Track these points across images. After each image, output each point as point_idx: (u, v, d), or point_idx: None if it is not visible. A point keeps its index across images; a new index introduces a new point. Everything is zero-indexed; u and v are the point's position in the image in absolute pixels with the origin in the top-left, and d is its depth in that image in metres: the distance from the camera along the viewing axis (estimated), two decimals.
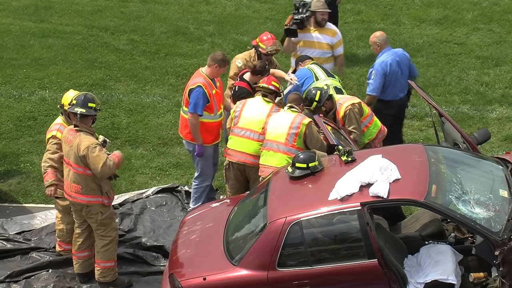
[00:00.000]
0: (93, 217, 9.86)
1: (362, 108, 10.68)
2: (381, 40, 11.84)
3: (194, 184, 11.27)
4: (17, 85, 14.73)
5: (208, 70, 11.04)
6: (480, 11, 17.28)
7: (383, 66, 11.64)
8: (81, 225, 10.08)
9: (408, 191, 8.66)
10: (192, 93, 10.82)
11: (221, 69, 11.02)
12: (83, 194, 9.76)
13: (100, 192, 9.78)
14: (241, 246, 8.87)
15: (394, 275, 8.49)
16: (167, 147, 12.97)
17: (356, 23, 16.82)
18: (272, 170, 9.96)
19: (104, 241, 9.92)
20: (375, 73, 11.64)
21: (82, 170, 9.69)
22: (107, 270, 10.02)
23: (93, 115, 9.79)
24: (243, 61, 11.76)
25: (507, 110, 13.67)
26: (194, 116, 10.81)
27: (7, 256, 10.71)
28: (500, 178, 9.22)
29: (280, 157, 10.14)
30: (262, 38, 11.75)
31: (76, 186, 9.75)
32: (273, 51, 11.68)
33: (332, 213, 8.63)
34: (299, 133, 10.13)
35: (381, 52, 11.77)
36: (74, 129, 9.75)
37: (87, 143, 9.58)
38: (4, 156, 12.69)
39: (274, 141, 10.21)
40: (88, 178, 9.72)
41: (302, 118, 10.21)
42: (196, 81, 10.92)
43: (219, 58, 11.01)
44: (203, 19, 17.27)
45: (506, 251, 8.37)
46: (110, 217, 9.95)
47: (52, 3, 18.07)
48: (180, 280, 8.86)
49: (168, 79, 14.99)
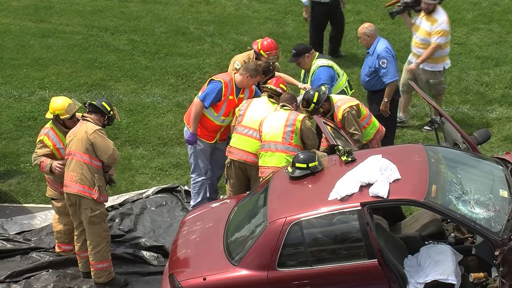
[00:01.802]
0: (84, 214, 9.88)
1: (360, 109, 10.68)
2: (371, 30, 12.03)
3: (191, 179, 11.30)
4: (17, 85, 14.73)
5: (239, 78, 10.91)
6: (480, 11, 17.28)
7: (388, 51, 11.91)
8: (78, 226, 10.11)
9: (408, 191, 8.66)
10: (210, 84, 10.83)
11: (252, 79, 10.87)
12: (76, 183, 9.79)
13: (93, 184, 9.80)
14: (241, 246, 8.87)
15: (394, 275, 8.49)
16: (167, 147, 12.97)
17: (356, 23, 16.78)
18: (272, 171, 9.97)
19: (93, 242, 9.95)
20: (386, 60, 11.83)
21: (80, 156, 9.75)
22: (101, 271, 10.04)
23: (102, 113, 9.92)
24: (241, 63, 11.72)
25: (507, 110, 13.67)
26: (200, 104, 10.81)
27: (7, 256, 10.71)
28: (500, 178, 9.22)
29: (278, 156, 10.14)
30: (264, 45, 11.62)
31: (72, 173, 9.82)
32: (274, 60, 11.70)
33: (332, 213, 8.63)
34: (295, 130, 10.13)
35: (375, 41, 11.98)
36: (81, 119, 9.92)
37: (95, 127, 9.76)
38: (4, 156, 12.69)
39: (272, 141, 10.21)
40: (85, 167, 9.75)
41: (296, 114, 10.23)
42: (221, 76, 10.93)
43: (251, 68, 10.88)
44: (203, 19, 17.27)
45: (506, 251, 8.37)
46: (100, 217, 9.95)
47: (52, 3, 18.07)
48: (180, 280, 8.86)
49: (168, 79, 14.99)
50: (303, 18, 15.82)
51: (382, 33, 16.33)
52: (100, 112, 9.97)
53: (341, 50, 15.69)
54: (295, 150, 10.02)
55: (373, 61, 11.91)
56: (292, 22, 16.97)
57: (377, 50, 11.90)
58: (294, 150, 10.04)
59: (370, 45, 12.00)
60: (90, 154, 9.75)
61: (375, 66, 11.89)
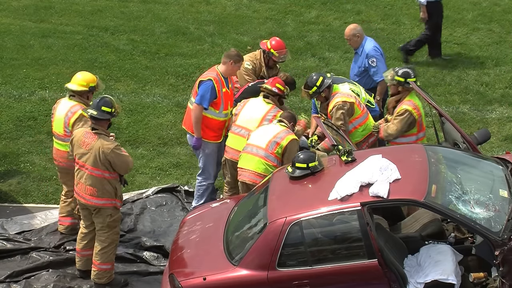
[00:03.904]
0: (101, 218, 9.87)
1: (354, 108, 10.69)
2: (359, 31, 12.06)
3: (197, 181, 11.30)
4: (17, 85, 14.73)
5: (223, 67, 10.98)
6: (480, 11, 17.28)
7: (376, 49, 11.91)
8: (88, 226, 10.10)
9: (408, 191, 8.66)
10: (202, 85, 10.83)
11: (236, 65, 10.96)
12: (98, 197, 9.78)
13: (114, 195, 9.83)
14: (241, 246, 8.87)
15: (394, 275, 8.49)
16: (167, 147, 12.96)
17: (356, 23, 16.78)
18: (248, 174, 10.10)
19: (104, 244, 9.93)
20: (376, 59, 11.83)
21: (100, 173, 9.72)
22: (104, 272, 10.02)
23: (107, 119, 9.81)
24: (251, 63, 11.74)
25: (507, 110, 13.67)
26: (198, 107, 10.81)
27: (7, 256, 10.70)
28: (500, 178, 9.22)
29: (257, 161, 10.17)
30: (275, 44, 11.63)
31: (92, 188, 9.76)
32: (285, 59, 11.72)
33: (332, 213, 8.63)
34: (281, 144, 10.14)
35: (363, 41, 11.96)
36: (92, 132, 9.77)
37: (111, 145, 9.67)
38: (4, 156, 12.68)
39: (254, 145, 10.24)
40: (105, 181, 9.75)
41: (289, 133, 10.24)
42: (207, 74, 10.92)
43: (234, 54, 10.98)
44: (203, 19, 17.27)
45: (506, 251, 8.37)
46: (117, 220, 10.00)
47: (52, 3, 18.06)
48: (180, 280, 8.86)
49: (168, 79, 14.98)
50: (420, 18, 15.26)
51: (382, 33, 16.37)
52: (105, 119, 9.83)
53: (344, 49, 15.59)
54: (275, 161, 10.10)
55: (362, 61, 11.94)
56: (292, 22, 16.97)
57: (366, 50, 11.92)
58: (274, 160, 10.12)
59: (358, 45, 11.99)
60: (109, 170, 9.74)
61: (365, 66, 11.91)
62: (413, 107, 10.45)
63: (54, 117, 10.70)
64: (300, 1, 17.87)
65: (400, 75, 10.45)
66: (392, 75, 10.49)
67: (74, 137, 9.93)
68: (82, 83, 10.51)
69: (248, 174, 10.18)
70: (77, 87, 10.50)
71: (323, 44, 15.98)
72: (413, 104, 10.49)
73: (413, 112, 10.44)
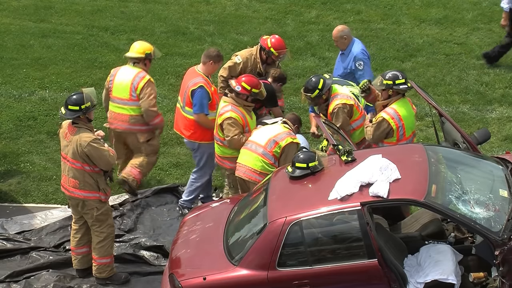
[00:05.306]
0: (89, 213, 9.92)
1: (353, 110, 10.68)
2: (346, 32, 11.91)
3: (192, 177, 11.31)
4: (17, 85, 14.73)
5: (203, 67, 11.04)
6: (480, 11, 17.27)
7: (364, 52, 11.77)
8: (78, 221, 10.15)
9: (408, 191, 8.67)
10: (195, 94, 10.85)
11: (215, 65, 11.07)
12: (80, 189, 9.83)
13: (97, 188, 9.86)
14: (241, 246, 8.87)
15: (394, 275, 8.49)
16: (167, 147, 12.96)
17: (356, 23, 16.80)
18: (245, 170, 10.13)
19: (99, 238, 9.98)
20: (363, 62, 11.67)
21: (80, 165, 9.78)
22: (104, 266, 10.07)
23: (77, 116, 9.73)
24: (243, 58, 11.59)
25: (507, 110, 13.67)
26: (201, 116, 10.88)
27: (7, 256, 10.71)
28: (500, 178, 9.22)
29: (255, 158, 10.20)
30: (275, 43, 11.46)
31: (74, 181, 9.84)
32: (285, 59, 11.70)
33: (332, 213, 8.63)
34: (280, 144, 10.15)
35: (351, 43, 11.81)
36: (72, 125, 9.84)
37: (88, 139, 9.68)
38: (4, 156, 12.68)
39: (254, 142, 10.26)
40: (86, 174, 9.80)
41: (289, 135, 10.24)
42: (197, 81, 10.92)
43: (214, 54, 11.04)
44: (203, 19, 17.26)
45: (506, 251, 8.37)
46: (106, 213, 10.00)
47: (52, 3, 18.05)
48: (180, 280, 8.86)
49: (168, 79, 14.99)
50: (501, 25, 15.01)
51: (382, 33, 16.37)
52: (73, 117, 9.74)
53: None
54: (272, 159, 10.13)
55: (349, 63, 11.77)
56: (292, 22, 16.97)
57: (353, 52, 11.74)
58: (271, 158, 10.15)
59: (346, 47, 11.88)
60: (89, 163, 9.79)
61: (351, 68, 11.72)
62: (391, 117, 10.18)
63: (113, 83, 11.25)
64: (300, 1, 17.86)
65: (388, 78, 10.21)
66: (381, 80, 10.24)
67: (61, 129, 10.03)
68: (139, 50, 11.22)
69: (245, 170, 10.21)
70: (135, 54, 11.21)
71: (323, 44, 15.98)
72: (394, 113, 10.20)
73: (390, 121, 10.19)
